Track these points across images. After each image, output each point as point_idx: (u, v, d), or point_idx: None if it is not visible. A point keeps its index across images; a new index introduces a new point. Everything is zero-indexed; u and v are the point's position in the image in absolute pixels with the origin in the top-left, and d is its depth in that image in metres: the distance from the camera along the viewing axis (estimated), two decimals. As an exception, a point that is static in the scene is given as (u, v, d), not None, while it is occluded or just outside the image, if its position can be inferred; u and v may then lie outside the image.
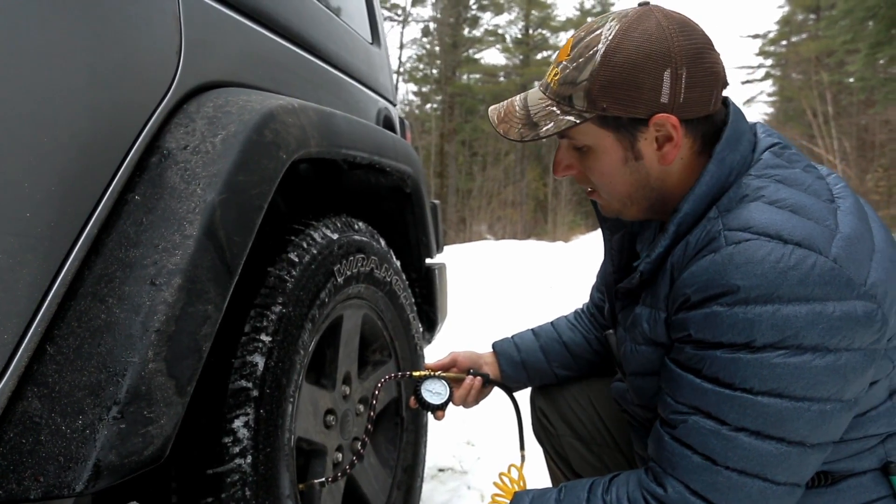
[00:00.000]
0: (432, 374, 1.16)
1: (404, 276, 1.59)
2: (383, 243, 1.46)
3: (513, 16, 29.46)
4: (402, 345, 1.58)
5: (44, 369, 0.68)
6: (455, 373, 1.19)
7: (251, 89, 1.05)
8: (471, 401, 1.18)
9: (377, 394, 1.14)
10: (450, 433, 2.57)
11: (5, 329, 0.65)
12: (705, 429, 0.77)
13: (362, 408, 1.39)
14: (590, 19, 0.89)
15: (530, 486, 1.03)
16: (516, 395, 1.24)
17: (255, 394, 0.94)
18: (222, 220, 0.82)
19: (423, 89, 28.62)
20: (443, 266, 2.02)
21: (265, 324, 0.98)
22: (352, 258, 1.25)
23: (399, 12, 25.67)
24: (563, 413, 1.25)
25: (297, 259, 1.08)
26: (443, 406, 1.12)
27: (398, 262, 1.55)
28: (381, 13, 2.14)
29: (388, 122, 1.92)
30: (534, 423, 1.32)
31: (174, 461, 0.89)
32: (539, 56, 28.95)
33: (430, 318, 1.92)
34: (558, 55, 0.88)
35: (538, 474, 1.44)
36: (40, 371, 0.68)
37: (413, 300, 1.65)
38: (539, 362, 1.24)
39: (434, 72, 28.06)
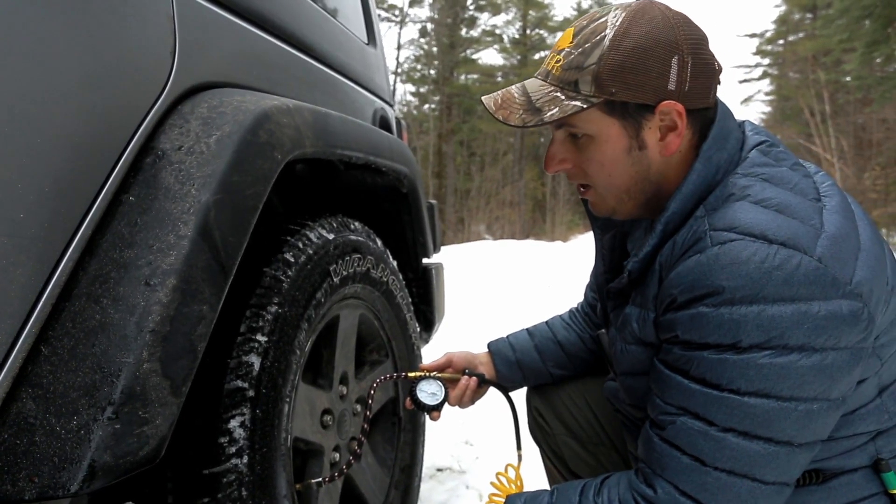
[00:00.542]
0: (428, 374, 1.16)
1: (401, 276, 1.59)
2: (380, 243, 1.46)
3: (510, 16, 29.51)
4: (400, 345, 1.58)
5: (38, 370, 0.68)
6: (451, 373, 1.19)
7: (246, 90, 1.05)
8: (466, 401, 1.18)
9: (373, 393, 1.14)
10: (448, 433, 2.57)
11: (0, 330, 0.65)
12: (693, 430, 0.77)
13: (359, 408, 1.39)
14: None
15: (528, 486, 1.04)
16: (512, 395, 1.24)
17: (252, 394, 0.94)
18: (217, 221, 0.82)
19: (421, 90, 28.65)
20: (440, 266, 2.02)
21: (261, 324, 0.98)
22: (348, 258, 1.25)
23: (396, 13, 25.70)
24: (559, 412, 1.25)
25: (292, 259, 1.08)
26: (438, 407, 1.12)
27: (395, 262, 1.55)
28: (377, 13, 2.14)
29: (384, 123, 1.92)
30: (530, 423, 1.32)
31: (170, 461, 0.89)
32: (536, 56, 28.94)
33: (428, 317, 1.92)
34: (558, 44, 0.87)
35: (535, 474, 1.44)
36: (35, 372, 0.68)
37: (410, 300, 1.65)
38: (534, 362, 1.25)
39: (432, 72, 28.08)
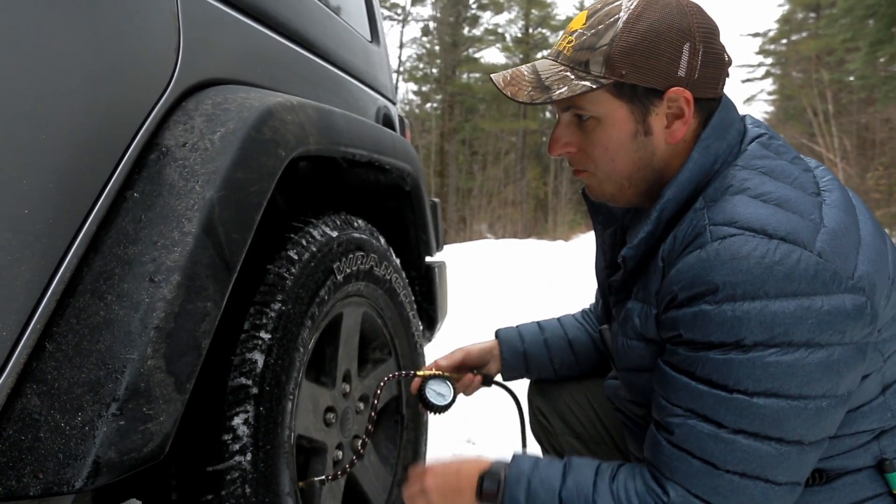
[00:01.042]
0: (435, 373, 1.15)
1: (404, 274, 1.59)
2: (383, 241, 1.46)
3: (513, 15, 29.42)
4: (402, 343, 1.57)
5: (43, 366, 0.68)
6: (461, 373, 1.19)
7: (250, 87, 1.05)
8: (468, 393, 1.20)
9: (379, 393, 1.13)
10: (451, 432, 2.57)
11: (4, 326, 0.65)
12: (703, 433, 0.76)
13: (362, 405, 1.39)
14: None
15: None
16: (517, 394, 1.24)
17: (255, 391, 0.94)
18: (221, 218, 0.82)
19: (423, 88, 28.62)
20: (443, 264, 2.02)
21: (265, 321, 0.98)
22: (351, 256, 1.25)
23: (399, 11, 25.68)
24: (561, 412, 1.25)
25: (296, 256, 1.08)
26: (447, 408, 1.12)
27: (398, 260, 1.55)
28: (381, 12, 2.14)
29: (387, 121, 1.92)
30: (532, 422, 1.32)
31: (174, 458, 0.89)
32: (539, 55, 28.93)
33: (431, 316, 1.91)
34: (570, 26, 0.87)
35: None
36: (39, 368, 0.68)
37: (413, 298, 1.65)
38: (541, 355, 1.24)
39: (434, 71, 28.05)
